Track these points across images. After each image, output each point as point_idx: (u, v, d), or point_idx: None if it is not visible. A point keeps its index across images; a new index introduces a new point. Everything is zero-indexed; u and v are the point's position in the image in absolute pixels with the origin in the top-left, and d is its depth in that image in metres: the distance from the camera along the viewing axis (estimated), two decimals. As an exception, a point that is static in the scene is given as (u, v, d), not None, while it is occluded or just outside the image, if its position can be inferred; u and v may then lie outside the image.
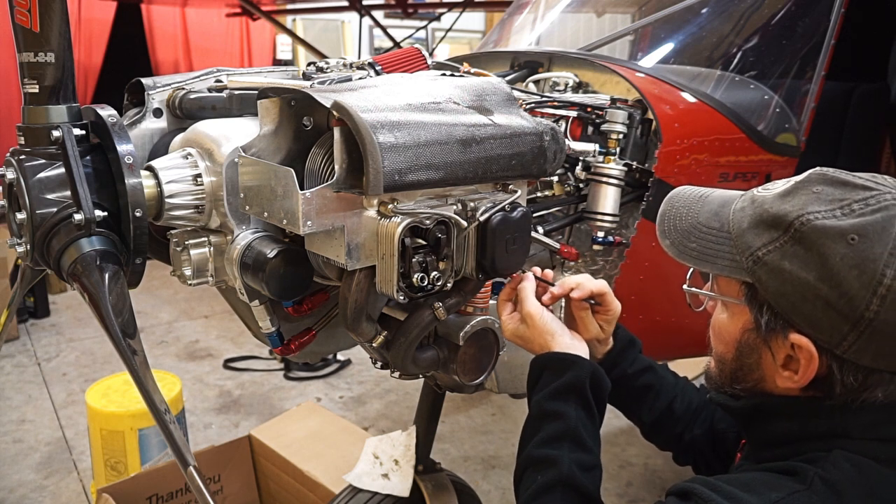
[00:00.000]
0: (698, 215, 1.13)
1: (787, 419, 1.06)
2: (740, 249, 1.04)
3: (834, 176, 1.02)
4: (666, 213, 1.18)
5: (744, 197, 1.11)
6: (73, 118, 1.19)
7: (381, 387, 3.95)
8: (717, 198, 1.15)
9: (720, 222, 1.10)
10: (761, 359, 1.07)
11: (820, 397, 1.03)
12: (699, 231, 1.11)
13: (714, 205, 1.13)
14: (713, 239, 1.09)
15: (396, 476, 1.93)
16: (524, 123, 1.23)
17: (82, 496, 2.94)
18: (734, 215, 1.09)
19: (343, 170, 1.10)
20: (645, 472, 3.18)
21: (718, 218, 1.10)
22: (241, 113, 1.41)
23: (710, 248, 1.09)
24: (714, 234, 1.09)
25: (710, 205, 1.14)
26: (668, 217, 1.17)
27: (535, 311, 1.28)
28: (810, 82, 2.22)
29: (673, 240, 1.14)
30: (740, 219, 1.07)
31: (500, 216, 1.17)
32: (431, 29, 6.26)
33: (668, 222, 1.16)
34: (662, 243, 1.16)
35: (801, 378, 1.02)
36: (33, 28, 1.13)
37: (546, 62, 2.07)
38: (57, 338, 4.58)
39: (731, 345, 1.11)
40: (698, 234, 1.11)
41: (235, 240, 1.25)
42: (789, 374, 1.04)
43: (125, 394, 2.69)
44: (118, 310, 1.12)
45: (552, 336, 1.27)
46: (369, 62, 1.43)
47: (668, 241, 1.15)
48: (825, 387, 1.01)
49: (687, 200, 1.17)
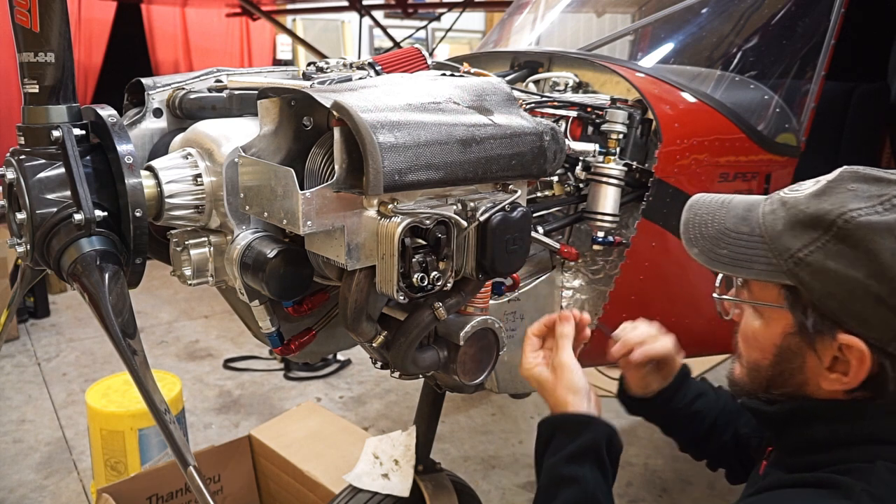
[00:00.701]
0: (724, 221, 1.11)
1: (829, 422, 1.03)
2: (777, 252, 1.02)
3: (866, 173, 1.01)
4: (690, 221, 1.15)
5: (770, 200, 1.09)
6: (73, 118, 1.19)
7: (381, 387, 3.95)
8: (740, 202, 1.13)
9: (749, 226, 1.07)
10: (805, 363, 1.04)
11: (867, 398, 1.01)
12: (728, 237, 1.09)
13: (739, 209, 1.11)
14: (745, 243, 1.06)
15: (396, 476, 1.93)
16: (524, 123, 1.23)
17: (82, 496, 2.94)
18: (764, 219, 1.06)
19: (343, 170, 1.10)
20: (645, 472, 3.18)
21: (747, 222, 1.08)
22: (241, 113, 1.41)
23: (743, 253, 1.06)
24: (745, 238, 1.07)
25: (734, 210, 1.12)
26: (693, 225, 1.14)
27: (568, 363, 1.24)
28: (810, 82, 2.22)
29: (701, 247, 1.12)
30: (772, 221, 1.05)
31: (500, 216, 1.17)
32: (431, 29, 6.26)
33: (693, 230, 1.14)
34: (690, 252, 1.13)
35: (853, 379, 0.99)
36: (33, 28, 1.13)
37: (546, 62, 2.07)
38: (57, 338, 4.58)
39: (767, 350, 1.08)
40: (728, 239, 1.09)
41: (235, 240, 1.25)
42: (837, 376, 1.01)
43: (125, 394, 2.69)
44: (118, 310, 1.12)
45: (575, 395, 1.22)
46: (369, 62, 1.43)
47: (695, 249, 1.13)
48: (876, 386, 0.99)
49: (709, 207, 1.15)
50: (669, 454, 3.31)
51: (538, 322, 1.33)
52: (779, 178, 2.11)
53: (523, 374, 1.30)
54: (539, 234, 1.70)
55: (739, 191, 2.01)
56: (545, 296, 1.82)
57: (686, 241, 1.14)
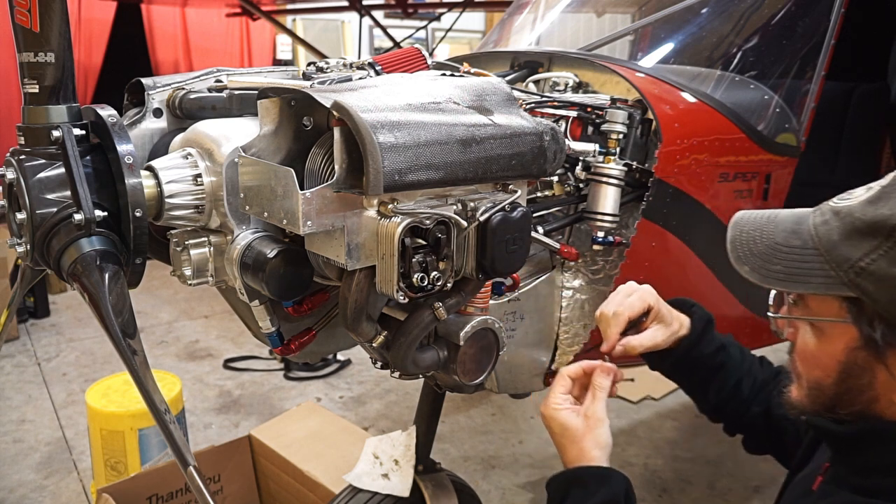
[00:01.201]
0: (774, 236, 1.06)
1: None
2: (836, 263, 0.98)
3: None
4: (737, 239, 1.11)
5: (820, 210, 1.05)
6: (73, 118, 1.19)
7: (381, 387, 3.95)
8: (788, 216, 1.09)
9: (801, 240, 1.03)
10: (874, 378, 1.00)
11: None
12: (780, 251, 1.05)
13: (788, 223, 1.07)
14: (799, 257, 1.02)
15: (396, 476, 1.93)
16: (524, 123, 1.23)
17: (82, 496, 2.94)
18: (816, 230, 1.02)
19: (343, 170, 1.10)
20: (645, 472, 3.18)
21: (798, 235, 1.04)
22: (241, 113, 1.41)
23: (797, 267, 1.02)
24: (798, 252, 1.02)
25: (783, 224, 1.08)
26: (740, 242, 1.10)
27: (603, 417, 1.22)
28: (810, 82, 2.22)
29: (752, 265, 1.07)
30: (826, 232, 1.00)
31: (500, 216, 1.17)
32: (431, 29, 6.26)
33: (741, 248, 1.10)
34: (741, 270, 1.08)
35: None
36: (33, 28, 1.12)
37: (546, 62, 2.07)
38: (57, 338, 4.58)
39: (831, 368, 1.03)
40: (780, 255, 1.04)
41: (235, 240, 1.25)
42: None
43: (125, 394, 2.69)
44: (118, 310, 1.12)
45: (601, 451, 1.19)
46: (369, 62, 1.43)
47: (746, 267, 1.08)
48: None
49: (756, 223, 1.11)
50: (669, 454, 3.31)
51: (576, 365, 1.30)
52: (779, 178, 2.11)
53: (547, 412, 1.26)
54: (539, 234, 1.70)
55: (739, 190, 2.01)
56: (545, 296, 1.82)
57: (735, 259, 1.10)
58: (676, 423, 3.60)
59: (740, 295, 2.12)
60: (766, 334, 2.28)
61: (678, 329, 1.39)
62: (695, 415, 3.65)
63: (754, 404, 1.41)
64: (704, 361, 1.39)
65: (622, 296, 1.38)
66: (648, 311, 1.37)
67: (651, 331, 1.37)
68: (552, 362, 1.88)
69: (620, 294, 1.38)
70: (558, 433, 1.24)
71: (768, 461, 1.48)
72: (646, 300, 1.36)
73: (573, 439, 1.21)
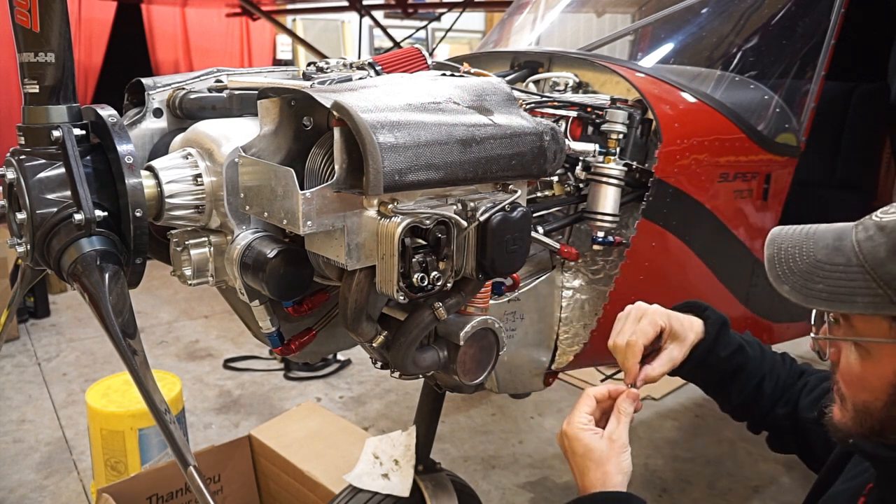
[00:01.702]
0: (814, 253, 1.02)
1: None
2: (885, 281, 0.94)
3: None
4: (774, 257, 1.07)
5: (863, 226, 1.01)
6: (74, 118, 1.19)
7: (381, 387, 3.95)
8: (827, 232, 1.05)
9: (845, 256, 0.99)
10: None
11: None
12: (822, 270, 1.00)
13: (829, 239, 1.03)
14: (842, 275, 0.98)
15: (396, 476, 1.93)
16: (524, 123, 1.23)
17: (82, 496, 2.94)
18: (860, 246, 0.98)
19: (343, 170, 1.10)
20: (645, 472, 3.18)
21: (841, 252, 0.99)
22: (241, 113, 1.41)
23: (842, 286, 0.97)
24: (842, 270, 0.98)
25: (823, 240, 1.04)
26: (779, 260, 1.06)
27: (627, 443, 1.20)
28: (810, 82, 2.22)
29: (793, 284, 1.02)
30: (871, 249, 0.96)
31: (500, 216, 1.17)
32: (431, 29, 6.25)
33: (780, 266, 1.05)
34: (780, 290, 1.04)
35: None
36: (33, 28, 1.13)
37: (546, 62, 2.07)
38: (57, 338, 4.58)
39: (880, 391, 0.99)
40: (823, 273, 1.00)
41: (235, 240, 1.26)
42: None
43: (125, 394, 2.69)
44: (118, 310, 1.12)
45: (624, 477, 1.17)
46: (369, 62, 1.43)
47: (786, 286, 1.03)
48: None
49: (794, 239, 1.07)
50: (669, 454, 3.31)
51: (602, 387, 1.27)
52: (779, 178, 2.11)
53: (571, 431, 1.22)
54: (539, 234, 1.70)
55: (739, 190, 2.01)
56: (545, 296, 1.82)
57: (774, 278, 1.05)
58: (676, 423, 3.60)
59: (740, 295, 2.12)
60: (766, 334, 2.28)
61: (693, 339, 1.36)
62: (695, 415, 3.65)
63: (779, 405, 1.38)
64: (722, 364, 1.37)
65: (632, 322, 1.34)
66: (661, 333, 1.34)
67: (667, 353, 1.34)
68: (552, 362, 1.88)
69: (630, 320, 1.35)
70: (581, 454, 1.20)
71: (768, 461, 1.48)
72: (657, 323, 1.33)
73: (598, 462, 1.18)
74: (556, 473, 3.12)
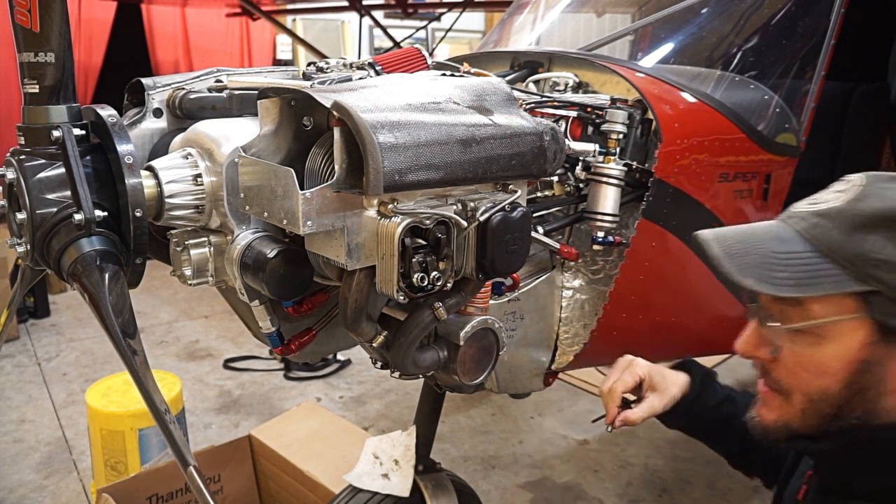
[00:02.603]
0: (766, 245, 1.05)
1: None
2: (847, 260, 0.98)
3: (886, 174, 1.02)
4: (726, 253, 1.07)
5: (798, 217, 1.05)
6: (73, 118, 1.19)
7: (381, 387, 3.95)
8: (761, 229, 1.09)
9: (800, 245, 1.02)
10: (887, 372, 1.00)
11: None
12: (780, 260, 1.02)
13: (769, 235, 1.07)
14: (802, 262, 1.01)
15: (396, 476, 1.93)
16: (524, 123, 1.23)
17: (82, 496, 2.94)
18: (809, 234, 1.02)
19: (343, 170, 1.10)
20: (645, 471, 3.18)
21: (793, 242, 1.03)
22: (241, 113, 1.41)
23: (804, 271, 1.00)
24: (799, 256, 1.01)
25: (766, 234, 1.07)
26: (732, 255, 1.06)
27: None
28: (810, 82, 2.22)
29: (757, 276, 1.03)
30: (823, 233, 1.01)
31: (500, 216, 1.17)
32: (431, 29, 6.26)
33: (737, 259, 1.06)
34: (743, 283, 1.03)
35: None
36: (33, 28, 1.13)
37: (546, 62, 2.07)
38: (57, 338, 4.58)
39: (840, 370, 1.01)
40: (782, 263, 1.02)
41: (235, 240, 1.26)
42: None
43: (125, 394, 2.69)
44: (118, 310, 1.12)
45: None
46: (369, 62, 1.43)
47: (750, 279, 1.03)
48: None
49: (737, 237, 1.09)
50: (669, 454, 3.31)
51: None
52: (779, 178, 2.11)
53: None
54: (539, 234, 1.70)
55: (739, 190, 2.01)
56: (545, 296, 1.82)
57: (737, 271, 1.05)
58: (676, 423, 3.60)
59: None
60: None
61: (676, 392, 1.46)
62: (695, 415, 3.65)
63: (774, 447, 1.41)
64: (710, 413, 1.45)
65: (618, 371, 1.48)
66: (642, 383, 1.46)
67: (647, 401, 1.45)
68: (552, 362, 1.88)
69: (617, 370, 1.49)
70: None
71: (768, 461, 1.49)
72: (636, 373, 1.46)
73: None
74: (556, 473, 3.12)
